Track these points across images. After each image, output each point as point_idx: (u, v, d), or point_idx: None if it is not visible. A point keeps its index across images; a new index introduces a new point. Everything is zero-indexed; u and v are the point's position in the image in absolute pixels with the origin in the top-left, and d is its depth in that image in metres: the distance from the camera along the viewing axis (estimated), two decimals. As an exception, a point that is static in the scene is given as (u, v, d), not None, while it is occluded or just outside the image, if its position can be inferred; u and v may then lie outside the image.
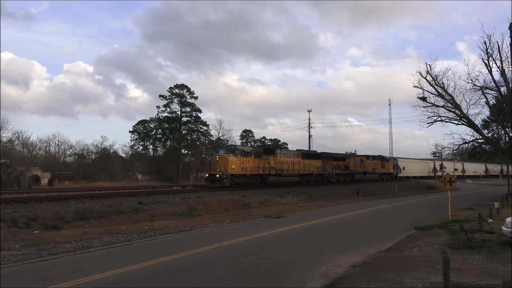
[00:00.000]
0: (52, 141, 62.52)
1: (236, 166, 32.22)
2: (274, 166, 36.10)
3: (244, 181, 33.71)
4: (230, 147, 35.68)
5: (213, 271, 10.24)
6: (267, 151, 36.92)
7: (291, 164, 38.40)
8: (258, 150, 36.03)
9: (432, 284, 8.82)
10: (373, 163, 53.58)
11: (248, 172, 33.69)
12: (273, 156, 36.35)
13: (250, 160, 33.60)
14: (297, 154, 40.44)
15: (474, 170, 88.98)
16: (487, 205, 25.17)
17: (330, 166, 44.66)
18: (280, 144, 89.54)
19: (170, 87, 67.96)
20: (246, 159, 33.18)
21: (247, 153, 33.73)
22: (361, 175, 50.36)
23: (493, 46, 31.81)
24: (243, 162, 32.98)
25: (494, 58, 31.92)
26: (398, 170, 60.86)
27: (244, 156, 33.24)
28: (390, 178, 58.31)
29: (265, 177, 35.51)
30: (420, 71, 36.83)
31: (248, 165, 33.43)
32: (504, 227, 13.51)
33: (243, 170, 33.11)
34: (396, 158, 63.09)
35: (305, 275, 9.91)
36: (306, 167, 40.63)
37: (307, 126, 70.68)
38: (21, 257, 11.62)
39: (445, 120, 37.22)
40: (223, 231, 17.19)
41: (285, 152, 40.07)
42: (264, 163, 34.83)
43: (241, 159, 32.66)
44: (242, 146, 36.15)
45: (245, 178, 33.88)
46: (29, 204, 19.38)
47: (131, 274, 9.89)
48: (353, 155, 52.05)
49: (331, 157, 46.17)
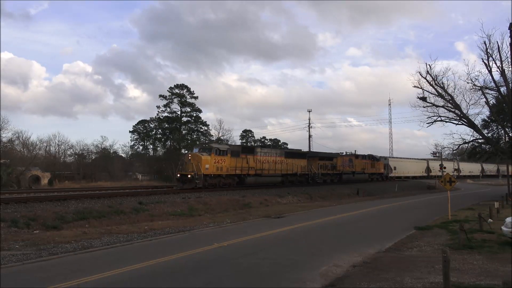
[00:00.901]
0: (52, 141, 62.56)
1: (210, 166, 30.20)
2: (254, 165, 34.13)
3: (220, 182, 31.73)
4: (204, 145, 33.33)
5: (213, 271, 10.24)
6: (246, 150, 34.86)
7: (272, 164, 36.56)
8: (235, 149, 33.84)
9: (432, 284, 8.82)
10: (362, 162, 51.84)
11: (224, 172, 31.60)
12: (253, 155, 34.39)
13: (226, 159, 31.56)
14: (279, 153, 38.84)
15: (470, 170, 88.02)
16: (487, 205, 25.17)
17: (316, 166, 42.83)
18: (280, 144, 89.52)
19: (170, 87, 67.99)
20: (221, 158, 31.14)
21: (223, 151, 31.58)
22: (350, 175, 48.65)
23: (493, 46, 31.83)
24: (218, 162, 30.94)
25: (494, 58, 31.94)
26: (389, 170, 59.27)
27: (220, 155, 31.15)
28: (381, 178, 56.60)
29: (243, 177, 33.60)
30: (420, 71, 36.87)
31: (224, 165, 31.39)
32: (504, 227, 13.51)
33: (218, 170, 31.05)
34: (387, 157, 61.42)
35: (305, 275, 9.91)
36: (290, 167, 38.72)
37: (307, 126, 70.79)
38: (21, 257, 11.62)
39: (445, 120, 37.24)
40: (223, 231, 17.19)
41: (267, 151, 37.89)
42: (242, 163, 32.93)
43: (216, 158, 30.64)
44: (217, 144, 33.66)
45: (221, 178, 31.82)
46: (29, 204, 19.38)
47: (131, 274, 9.89)
48: (341, 155, 50.12)
49: (317, 156, 44.58)
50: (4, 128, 49.54)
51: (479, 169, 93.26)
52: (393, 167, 60.96)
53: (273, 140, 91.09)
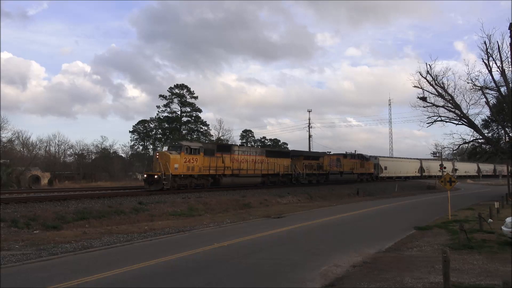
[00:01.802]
0: (52, 141, 62.65)
1: (180, 165, 27.90)
2: (230, 165, 32.06)
3: (191, 183, 29.62)
4: (174, 143, 30.90)
5: (213, 271, 10.24)
6: (221, 149, 32.61)
7: (251, 163, 34.32)
8: (209, 147, 31.62)
9: (432, 284, 8.82)
10: (351, 162, 49.77)
11: (196, 172, 29.39)
12: (230, 154, 32.39)
13: (199, 159, 29.34)
14: (260, 152, 36.87)
15: (465, 170, 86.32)
16: (487, 205, 25.18)
17: (301, 166, 40.66)
18: (280, 144, 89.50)
19: (170, 87, 68.15)
20: (193, 157, 28.91)
21: (195, 150, 29.28)
22: (337, 175, 46.56)
23: (493, 46, 31.88)
24: (190, 161, 28.65)
25: (494, 58, 32.00)
26: (379, 170, 57.30)
27: (191, 153, 28.89)
28: (370, 178, 54.52)
29: (219, 177, 31.47)
30: (420, 71, 36.92)
31: (196, 164, 29.09)
32: (504, 227, 13.51)
33: (189, 170, 28.71)
34: (377, 157, 58.79)
35: (305, 275, 9.91)
36: (271, 167, 36.57)
37: (307, 126, 70.78)
38: (21, 257, 11.62)
39: (445, 120, 37.28)
40: (223, 231, 17.19)
41: (245, 149, 35.80)
42: (217, 162, 30.78)
43: (186, 157, 28.39)
44: (188, 142, 31.19)
45: (192, 179, 29.59)
46: (29, 204, 19.38)
47: (131, 274, 9.89)
48: (328, 154, 48.07)
49: (302, 155, 42.26)
50: (4, 128, 49.63)
51: (475, 169, 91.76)
52: (383, 166, 58.74)
53: (273, 140, 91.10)
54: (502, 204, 25.60)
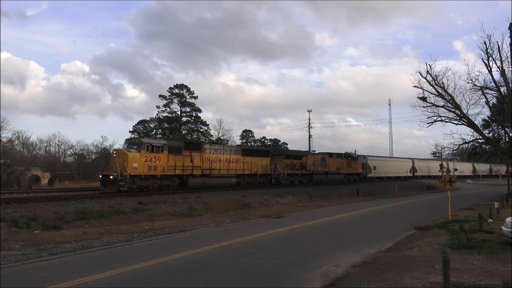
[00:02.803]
0: (52, 141, 62.67)
1: (139, 164, 25.31)
2: (200, 164, 29.55)
3: (154, 184, 26.88)
4: (134, 140, 28.05)
5: (213, 271, 10.25)
6: (190, 146, 29.92)
7: (225, 163, 31.95)
8: (175, 145, 29.02)
9: (432, 284, 8.82)
10: (337, 162, 47.49)
11: (159, 172, 26.76)
12: (199, 153, 29.81)
13: (162, 157, 26.77)
14: (235, 150, 34.29)
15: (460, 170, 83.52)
16: (487, 205, 25.20)
17: (282, 165, 38.40)
18: (280, 144, 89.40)
19: (170, 87, 68.11)
20: (156, 156, 26.35)
21: (158, 148, 26.67)
22: (322, 175, 44.26)
23: (493, 46, 31.91)
24: (151, 160, 26.07)
25: (494, 58, 32.04)
26: (368, 170, 55.29)
27: (153, 151, 26.30)
28: (358, 179, 52.56)
29: (186, 178, 28.99)
30: (420, 71, 36.94)
31: (159, 164, 26.52)
32: (504, 227, 13.52)
33: (150, 170, 26.13)
34: (365, 156, 56.82)
35: (305, 275, 9.91)
36: (247, 166, 34.07)
37: (307, 126, 70.84)
38: (21, 257, 11.62)
39: (445, 120, 37.32)
40: (223, 231, 17.19)
41: (218, 147, 33.14)
42: (184, 161, 28.26)
43: (147, 156, 25.80)
44: (150, 139, 27.59)
45: (155, 180, 26.90)
46: (29, 204, 19.38)
47: (131, 274, 9.89)
48: (312, 153, 46.05)
49: (282, 154, 40.47)
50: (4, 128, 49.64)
51: (470, 169, 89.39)
52: (372, 166, 56.64)
53: (273, 140, 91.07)
54: (502, 204, 25.61)
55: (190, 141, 29.81)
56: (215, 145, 33.85)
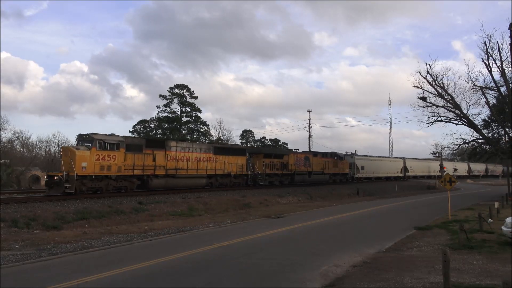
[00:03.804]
0: (52, 141, 62.59)
1: (90, 164, 22.76)
2: (164, 164, 26.99)
3: (108, 186, 24.25)
4: (85, 136, 24.22)
5: (213, 271, 10.25)
6: (153, 144, 27.29)
7: (193, 162, 29.33)
8: (135, 142, 26.25)
9: (432, 284, 8.83)
10: (322, 161, 44.94)
11: (114, 172, 24.06)
12: (164, 151, 27.27)
13: (118, 156, 24.14)
14: (206, 148, 31.42)
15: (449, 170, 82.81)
16: (487, 205, 25.20)
17: (260, 165, 35.89)
18: (280, 144, 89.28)
19: (170, 87, 68.12)
20: (110, 154, 23.73)
21: (112, 145, 24.02)
22: (304, 176, 41.79)
23: (493, 46, 31.93)
24: (104, 158, 23.47)
25: (494, 58, 32.05)
26: (356, 170, 52.97)
27: (106, 149, 23.66)
28: (345, 179, 50.20)
29: (147, 179, 26.31)
30: (420, 71, 36.98)
31: (113, 163, 23.90)
32: (504, 227, 13.52)
33: (103, 170, 23.50)
34: (353, 155, 54.93)
35: (305, 275, 9.92)
36: (220, 166, 31.57)
37: (307, 126, 70.86)
38: (21, 257, 11.62)
39: (445, 120, 37.34)
40: (223, 231, 17.19)
41: (186, 145, 30.20)
42: (145, 160, 25.71)
43: (100, 154, 23.23)
44: (103, 135, 24.65)
45: (109, 181, 24.25)
46: (29, 204, 19.39)
47: (131, 274, 9.90)
48: (294, 152, 44.14)
49: (261, 153, 37.78)
50: (4, 128, 49.64)
51: (465, 169, 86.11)
52: (360, 166, 54.22)
53: (273, 140, 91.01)
54: (502, 204, 25.61)
55: (153, 138, 26.79)
56: (182, 142, 30.71)
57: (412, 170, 67.56)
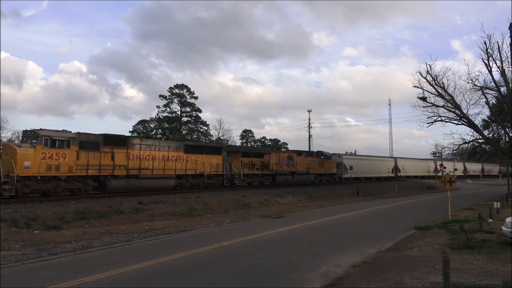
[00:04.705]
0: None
1: (33, 163, 20.50)
2: (124, 163, 24.61)
3: (57, 187, 21.86)
4: (30, 133, 21.87)
5: (213, 271, 10.25)
6: (112, 141, 24.51)
7: (160, 161, 27.06)
8: (90, 139, 23.44)
9: (432, 284, 8.83)
10: (306, 161, 42.73)
11: (64, 172, 21.69)
12: (125, 149, 24.92)
13: (69, 154, 21.78)
14: (176, 146, 29.01)
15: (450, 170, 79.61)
16: (487, 205, 25.20)
17: (238, 164, 33.72)
18: (280, 144, 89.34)
19: (170, 87, 68.22)
20: (59, 152, 21.37)
21: (62, 142, 21.62)
22: (287, 176, 39.50)
23: (493, 46, 31.94)
24: (52, 157, 21.09)
25: (494, 58, 32.05)
26: (344, 170, 50.97)
27: (55, 146, 21.29)
28: (332, 179, 48.03)
29: (105, 180, 23.86)
30: (420, 71, 37.00)
31: (63, 162, 21.53)
32: (504, 227, 13.53)
33: (51, 170, 21.11)
34: (341, 155, 52.66)
35: (305, 275, 9.92)
36: (191, 165, 29.20)
37: (306, 126, 70.92)
38: (21, 257, 11.62)
39: (445, 120, 37.33)
40: (223, 231, 17.20)
41: (152, 143, 27.76)
42: (102, 159, 23.38)
43: (46, 152, 20.90)
44: (51, 131, 21.99)
45: (59, 182, 21.84)
46: (29, 204, 19.38)
47: (131, 274, 9.90)
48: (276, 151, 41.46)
49: (239, 152, 35.46)
50: (3, 128, 49.63)
51: (461, 169, 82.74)
52: (348, 166, 52.24)
53: (273, 140, 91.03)
54: (502, 204, 25.61)
55: (113, 135, 24.89)
56: (147, 140, 27.97)
57: (404, 170, 65.82)
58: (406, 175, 66.06)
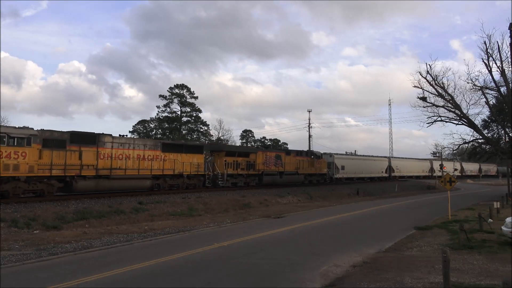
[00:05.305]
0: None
1: None
2: (93, 162, 23.06)
3: (16, 189, 20.27)
4: None
5: (213, 271, 10.25)
6: (79, 139, 22.76)
7: (134, 161, 25.42)
8: (54, 136, 21.68)
9: (432, 284, 8.83)
10: (296, 160, 41.03)
11: (24, 172, 20.18)
12: (95, 147, 23.26)
13: (30, 152, 20.29)
14: (152, 145, 27.27)
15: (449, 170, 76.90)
16: (487, 205, 25.20)
17: (222, 164, 32.35)
18: (280, 144, 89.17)
19: (170, 87, 68.22)
20: (18, 151, 19.93)
21: (21, 139, 20.14)
22: (275, 176, 37.92)
23: (493, 46, 31.98)
24: (10, 156, 19.71)
25: (494, 58, 32.10)
26: (335, 170, 49.49)
27: (13, 145, 19.84)
28: (323, 180, 46.43)
29: (72, 180, 22.19)
30: (420, 71, 37.07)
31: (23, 161, 20.05)
32: (504, 227, 13.53)
33: (8, 170, 19.64)
34: (332, 154, 50.97)
35: (305, 275, 9.92)
36: (169, 165, 27.66)
37: (306, 126, 70.95)
38: (21, 257, 11.62)
39: (445, 120, 37.39)
40: (223, 231, 17.20)
41: (125, 141, 25.66)
42: (68, 158, 21.73)
43: (3, 151, 19.48)
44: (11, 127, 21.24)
45: (18, 183, 20.26)
46: (29, 204, 19.38)
47: (131, 274, 9.90)
48: (264, 150, 40.92)
49: (223, 151, 33.76)
50: (4, 128, 49.50)
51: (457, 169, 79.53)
52: (340, 166, 50.77)
53: (273, 140, 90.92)
54: (502, 204, 25.61)
55: (82, 132, 23.25)
56: (120, 138, 25.78)
57: (398, 170, 64.34)
58: (401, 175, 64.83)
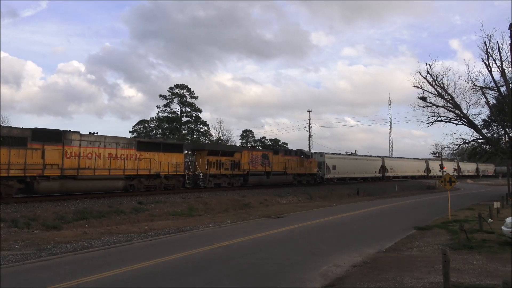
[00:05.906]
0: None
1: None
2: (58, 162, 21.40)
3: None
4: None
5: (213, 271, 10.25)
6: (43, 136, 21.07)
7: (106, 160, 23.78)
8: (13, 134, 20.07)
9: (432, 284, 8.83)
10: (284, 160, 39.17)
11: None
12: (60, 145, 21.64)
13: None
14: (126, 143, 25.40)
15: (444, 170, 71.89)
16: (487, 205, 25.20)
17: (204, 163, 30.70)
18: (280, 144, 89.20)
19: (170, 87, 68.24)
20: None
21: None
22: (261, 176, 36.15)
23: (493, 46, 31.99)
24: None
25: (494, 58, 32.11)
26: (326, 169, 47.73)
27: None
28: (313, 180, 44.55)
29: (33, 181, 20.53)
30: (420, 71, 37.10)
31: None
32: (504, 227, 13.53)
33: None
34: (323, 154, 49.30)
35: (305, 275, 9.92)
36: (145, 165, 25.90)
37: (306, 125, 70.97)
38: (21, 257, 11.62)
39: (445, 120, 37.42)
40: (223, 231, 17.20)
41: (95, 139, 23.76)
42: (29, 157, 20.21)
43: None
44: None
45: None
46: (29, 204, 19.39)
47: (131, 274, 9.90)
48: (250, 148, 39.33)
49: (205, 149, 31.80)
50: (4, 128, 49.48)
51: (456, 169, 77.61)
52: (331, 166, 49.11)
53: (273, 140, 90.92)
54: (502, 204, 25.61)
55: (44, 129, 21.64)
56: (89, 136, 23.84)
57: (392, 170, 62.66)
58: (395, 175, 63.20)
